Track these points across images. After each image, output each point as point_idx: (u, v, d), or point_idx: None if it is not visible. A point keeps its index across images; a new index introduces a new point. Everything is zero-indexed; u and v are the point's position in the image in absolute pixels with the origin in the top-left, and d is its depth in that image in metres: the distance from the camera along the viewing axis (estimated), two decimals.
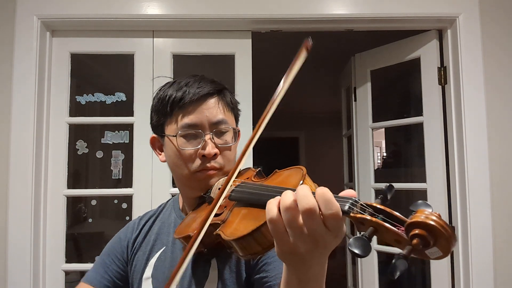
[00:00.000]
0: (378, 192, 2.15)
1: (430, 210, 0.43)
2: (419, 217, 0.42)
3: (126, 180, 1.86)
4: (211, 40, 1.85)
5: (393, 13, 1.76)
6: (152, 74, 1.83)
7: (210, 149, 0.80)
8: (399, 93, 3.06)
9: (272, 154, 4.85)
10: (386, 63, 2.13)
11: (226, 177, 0.77)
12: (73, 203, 1.92)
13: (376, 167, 2.23)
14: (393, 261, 0.40)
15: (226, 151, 0.84)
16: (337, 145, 3.53)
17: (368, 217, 0.45)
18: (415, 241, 0.41)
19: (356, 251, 0.42)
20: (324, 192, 0.48)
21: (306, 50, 0.61)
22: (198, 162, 0.81)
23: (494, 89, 1.74)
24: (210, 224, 0.68)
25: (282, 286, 0.58)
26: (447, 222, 1.82)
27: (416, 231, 0.41)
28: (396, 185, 2.17)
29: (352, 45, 2.33)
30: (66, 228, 1.78)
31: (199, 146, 0.81)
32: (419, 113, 1.95)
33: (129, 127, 1.84)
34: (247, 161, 1.76)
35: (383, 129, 3.39)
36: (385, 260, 2.25)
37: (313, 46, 0.59)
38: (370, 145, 2.21)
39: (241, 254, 0.62)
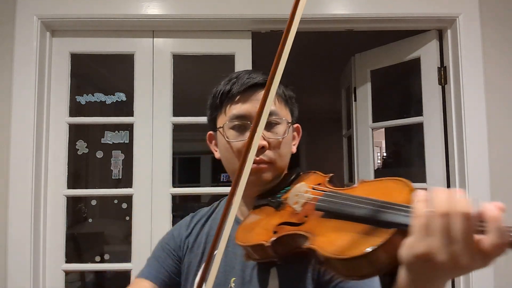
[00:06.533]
0: None
1: None
2: None
3: (126, 180, 1.86)
4: (211, 40, 1.85)
5: (393, 13, 1.75)
6: (152, 74, 1.83)
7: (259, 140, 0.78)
8: (399, 93, 3.06)
9: None
10: (386, 63, 2.13)
11: (303, 183, 0.72)
12: (73, 203, 1.92)
13: (376, 167, 2.24)
14: None
15: (276, 144, 0.79)
16: (337, 145, 3.53)
17: None
18: None
19: None
20: (496, 214, 0.42)
21: None
22: None
23: (494, 89, 1.74)
24: (293, 234, 0.63)
25: None
26: None
27: None
28: None
29: (352, 45, 2.33)
30: (66, 228, 1.78)
31: (246, 139, 0.77)
32: (419, 113, 1.95)
33: (129, 127, 1.84)
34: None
35: (383, 129, 3.39)
36: None
37: (313, 46, 0.59)
38: (370, 145, 2.21)
39: (344, 274, 0.55)
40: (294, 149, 0.87)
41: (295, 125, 0.89)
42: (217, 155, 0.88)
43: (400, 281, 0.50)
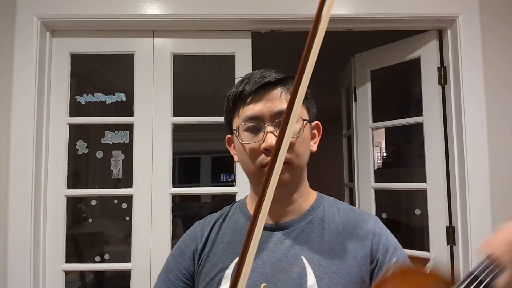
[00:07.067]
0: (378, 192, 2.15)
1: None
2: None
3: (126, 180, 1.86)
4: (211, 40, 1.85)
5: (393, 13, 1.75)
6: (152, 74, 1.83)
7: (272, 140, 0.74)
8: (399, 93, 3.06)
9: None
10: (386, 63, 2.13)
11: None
12: (73, 203, 1.92)
13: (376, 167, 2.23)
14: None
15: (291, 144, 0.76)
16: (337, 145, 3.53)
17: None
18: None
19: None
20: None
21: None
22: (262, 156, 0.77)
23: (494, 89, 1.74)
24: None
25: None
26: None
27: None
28: (396, 185, 2.19)
29: (352, 45, 2.33)
30: (66, 228, 1.78)
31: (260, 140, 0.77)
32: (419, 113, 1.95)
33: (129, 127, 1.84)
34: None
35: (383, 129, 3.38)
36: None
37: None
38: (370, 145, 2.21)
39: None
40: (314, 148, 0.86)
41: (315, 123, 0.87)
42: (236, 158, 0.86)
43: None
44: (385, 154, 4.48)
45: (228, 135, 0.88)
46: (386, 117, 2.23)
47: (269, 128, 0.76)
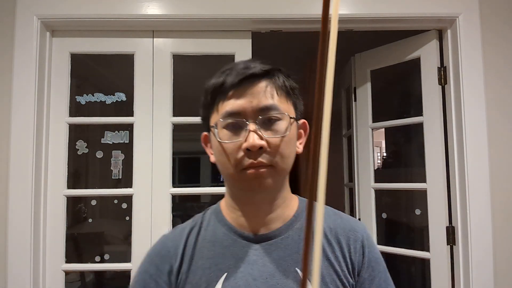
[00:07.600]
0: (378, 192, 2.15)
1: None
2: None
3: (126, 180, 1.86)
4: (211, 40, 1.85)
5: (393, 13, 1.76)
6: (152, 74, 1.83)
7: (255, 140, 0.66)
8: (399, 93, 3.06)
9: None
10: (386, 63, 2.13)
11: None
12: (73, 203, 1.92)
13: (376, 167, 2.23)
14: None
15: (276, 144, 0.68)
16: (337, 145, 3.53)
17: None
18: None
19: None
20: None
21: None
22: (244, 158, 0.68)
23: (494, 89, 1.74)
24: None
25: None
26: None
27: None
28: (396, 185, 2.19)
29: (352, 45, 2.33)
30: (66, 228, 1.78)
31: (241, 139, 0.68)
32: (419, 113, 1.95)
33: (129, 127, 1.84)
34: None
35: (383, 129, 3.38)
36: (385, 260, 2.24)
37: (312, 46, 0.57)
38: (370, 145, 2.21)
39: None
40: (300, 149, 0.76)
41: (301, 121, 0.77)
42: (212, 158, 0.76)
43: None
44: (385, 154, 4.47)
45: (205, 133, 0.78)
46: (386, 117, 2.23)
47: (252, 126, 0.68)
